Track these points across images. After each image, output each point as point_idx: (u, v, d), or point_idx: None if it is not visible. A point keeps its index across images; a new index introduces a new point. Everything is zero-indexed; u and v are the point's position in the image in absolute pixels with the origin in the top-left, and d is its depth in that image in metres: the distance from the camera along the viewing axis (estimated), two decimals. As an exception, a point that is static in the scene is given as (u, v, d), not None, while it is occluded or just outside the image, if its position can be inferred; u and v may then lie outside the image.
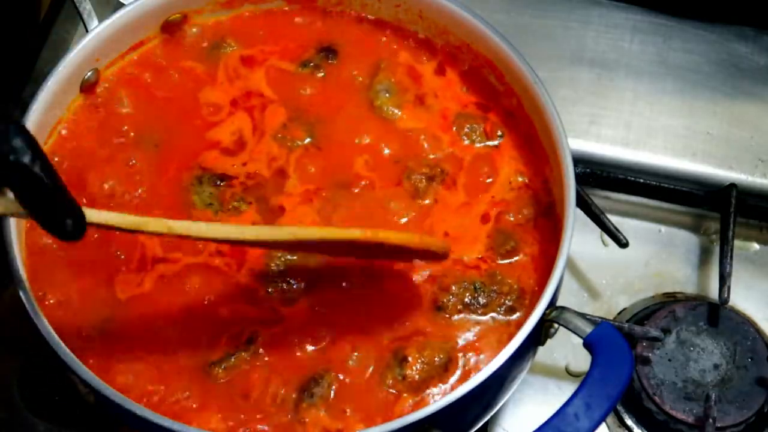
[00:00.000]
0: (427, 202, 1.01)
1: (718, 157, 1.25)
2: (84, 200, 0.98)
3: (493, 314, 0.95)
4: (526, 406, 1.12)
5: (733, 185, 1.21)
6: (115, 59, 1.05)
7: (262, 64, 1.07)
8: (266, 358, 0.92)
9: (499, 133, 1.05)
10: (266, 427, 0.90)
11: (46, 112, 0.98)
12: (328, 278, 0.96)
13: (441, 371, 0.92)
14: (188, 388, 0.91)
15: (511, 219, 1.00)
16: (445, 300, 0.95)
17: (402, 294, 0.96)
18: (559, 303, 0.93)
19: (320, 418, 0.90)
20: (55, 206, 0.77)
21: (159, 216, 0.97)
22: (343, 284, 0.96)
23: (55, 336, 0.86)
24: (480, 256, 0.98)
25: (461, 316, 0.95)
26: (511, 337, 0.90)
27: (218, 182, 1.00)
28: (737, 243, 1.20)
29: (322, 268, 0.96)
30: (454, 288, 0.96)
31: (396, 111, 1.05)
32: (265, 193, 1.00)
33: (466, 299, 0.95)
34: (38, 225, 0.78)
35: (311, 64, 1.07)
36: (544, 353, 1.12)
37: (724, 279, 1.14)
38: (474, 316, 0.95)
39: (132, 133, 1.02)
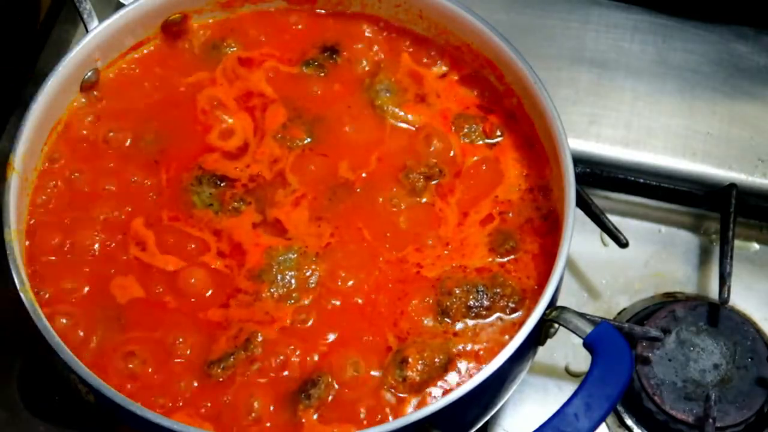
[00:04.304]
0: (425, 200, 1.01)
1: (718, 157, 1.25)
2: (83, 201, 0.98)
3: (496, 316, 0.95)
4: (526, 406, 1.12)
5: (733, 185, 1.21)
6: (115, 59, 1.05)
7: (263, 64, 1.07)
8: (265, 359, 0.92)
9: (498, 132, 1.05)
10: (264, 428, 0.90)
11: (46, 112, 0.98)
12: (329, 279, 0.96)
13: (441, 372, 0.92)
14: (187, 388, 0.91)
15: (511, 219, 1.00)
16: (448, 303, 0.95)
17: (404, 296, 0.96)
18: (559, 303, 0.93)
19: (318, 419, 0.90)
20: None
21: (160, 214, 0.98)
22: (345, 285, 0.96)
23: (55, 336, 0.86)
24: (482, 259, 0.98)
25: (465, 318, 0.95)
26: (511, 337, 0.90)
27: (219, 183, 1.00)
28: (737, 243, 1.20)
29: (323, 268, 0.96)
30: (457, 291, 0.96)
31: (396, 110, 1.05)
32: (266, 193, 1.00)
33: (470, 302, 0.95)
34: None
35: (315, 63, 1.07)
36: (544, 353, 1.12)
37: (724, 279, 1.14)
38: (477, 319, 0.95)
39: (131, 133, 1.02)
